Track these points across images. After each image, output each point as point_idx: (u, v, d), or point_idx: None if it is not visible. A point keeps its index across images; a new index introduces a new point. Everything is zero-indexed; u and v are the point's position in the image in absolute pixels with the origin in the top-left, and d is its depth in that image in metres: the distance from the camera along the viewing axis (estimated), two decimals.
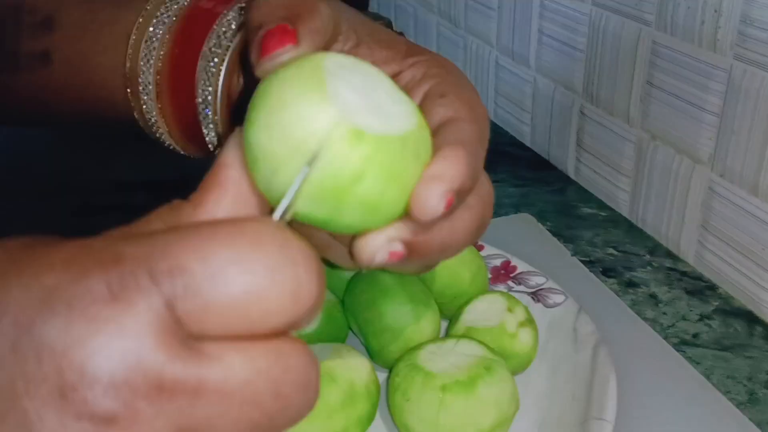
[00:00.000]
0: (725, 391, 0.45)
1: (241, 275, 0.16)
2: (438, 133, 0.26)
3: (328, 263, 0.31)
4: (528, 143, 0.80)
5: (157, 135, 0.36)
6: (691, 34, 0.54)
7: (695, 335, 0.51)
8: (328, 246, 0.29)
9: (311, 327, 0.43)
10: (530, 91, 0.78)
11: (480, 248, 0.52)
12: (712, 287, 0.56)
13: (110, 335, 0.15)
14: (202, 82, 0.33)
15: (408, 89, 0.28)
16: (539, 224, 0.63)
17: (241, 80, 0.33)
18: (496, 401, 0.37)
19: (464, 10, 0.88)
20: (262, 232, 0.16)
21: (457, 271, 0.46)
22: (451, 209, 0.24)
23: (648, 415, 0.43)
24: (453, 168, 0.24)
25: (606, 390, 0.41)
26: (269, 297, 0.16)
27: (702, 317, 0.53)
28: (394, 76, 0.29)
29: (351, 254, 0.25)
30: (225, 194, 0.19)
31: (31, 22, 0.37)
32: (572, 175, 0.73)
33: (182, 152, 0.37)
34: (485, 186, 0.28)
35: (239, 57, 0.32)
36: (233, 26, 0.33)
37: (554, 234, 0.62)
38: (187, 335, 0.16)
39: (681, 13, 0.55)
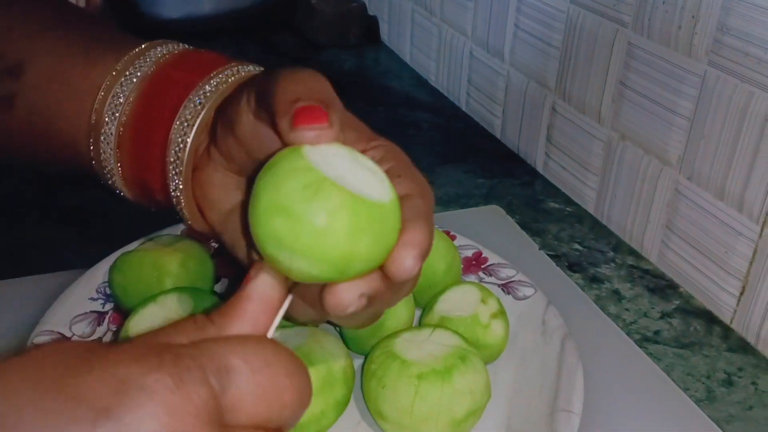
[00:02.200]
0: (684, 387, 0.47)
1: (272, 375, 0.20)
2: (402, 202, 0.30)
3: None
4: (498, 135, 0.81)
5: (110, 182, 0.40)
6: (667, 37, 0.55)
7: (656, 332, 0.52)
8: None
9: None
10: (503, 84, 0.79)
11: (453, 238, 0.53)
12: (673, 286, 0.57)
13: (171, 417, 0.18)
14: (174, 145, 0.36)
15: None
16: (508, 217, 0.64)
17: (203, 147, 0.37)
18: (471, 391, 0.38)
19: None
20: (279, 348, 0.21)
21: (432, 261, 0.46)
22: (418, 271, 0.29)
23: (610, 409, 0.44)
24: (421, 236, 0.29)
25: (573, 382, 0.42)
26: (286, 393, 0.21)
27: (663, 315, 0.54)
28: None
29: (321, 303, 0.28)
30: (245, 324, 0.23)
31: None
32: (540, 170, 0.74)
33: (131, 200, 0.40)
34: None
35: (209, 127, 0.36)
36: (207, 95, 0.36)
37: (521, 227, 0.63)
38: (224, 423, 0.20)
39: (658, 16, 0.56)
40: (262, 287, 0.23)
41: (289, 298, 0.25)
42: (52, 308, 0.44)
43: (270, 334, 0.24)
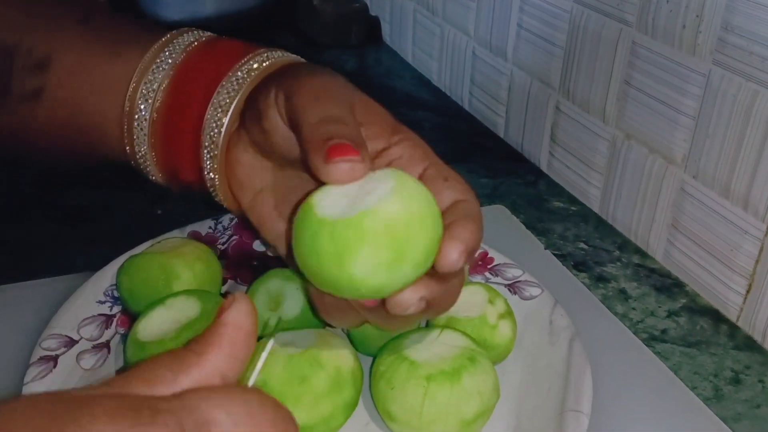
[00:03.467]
0: (692, 386, 0.47)
1: (256, 426, 0.20)
2: (453, 208, 0.33)
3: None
4: (501, 135, 0.81)
5: (143, 168, 0.41)
6: (671, 37, 0.55)
7: (663, 331, 0.52)
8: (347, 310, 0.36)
9: (293, 312, 0.43)
10: (506, 83, 0.79)
11: None
12: (680, 285, 0.57)
13: None
14: (209, 130, 0.37)
15: (400, 165, 0.35)
16: (513, 216, 0.64)
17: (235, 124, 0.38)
18: (479, 392, 0.38)
19: None
20: (263, 397, 0.22)
21: None
22: (463, 265, 0.31)
23: (618, 408, 0.44)
24: (469, 233, 0.31)
25: (582, 383, 0.42)
26: None
27: (670, 314, 0.54)
28: (383, 150, 0.35)
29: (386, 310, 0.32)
30: (222, 350, 0.23)
31: (26, 63, 0.40)
32: (544, 169, 0.74)
33: (164, 185, 0.41)
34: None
35: (241, 110, 0.37)
36: (239, 81, 0.37)
37: (526, 226, 0.63)
38: None
39: (662, 15, 0.56)
40: (235, 315, 0.23)
41: (271, 343, 0.26)
42: (59, 312, 0.44)
43: (251, 382, 0.24)
